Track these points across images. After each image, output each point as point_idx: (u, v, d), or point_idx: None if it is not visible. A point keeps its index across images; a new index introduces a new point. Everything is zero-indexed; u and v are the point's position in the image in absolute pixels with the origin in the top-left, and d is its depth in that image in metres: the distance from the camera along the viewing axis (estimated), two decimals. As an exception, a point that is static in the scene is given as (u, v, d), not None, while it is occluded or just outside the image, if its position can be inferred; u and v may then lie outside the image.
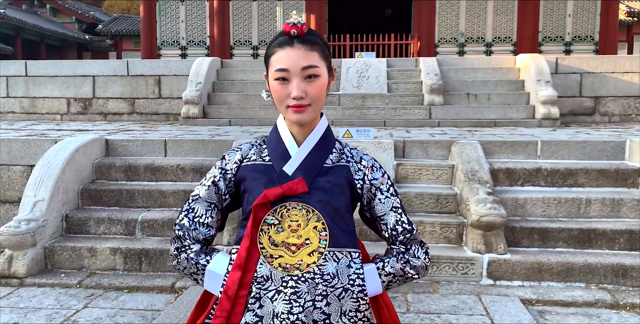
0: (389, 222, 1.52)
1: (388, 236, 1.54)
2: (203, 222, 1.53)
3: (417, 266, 1.50)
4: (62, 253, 4.55)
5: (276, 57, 1.45)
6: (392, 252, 1.53)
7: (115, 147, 5.65)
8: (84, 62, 10.11)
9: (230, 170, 1.54)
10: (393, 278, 1.50)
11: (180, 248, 1.52)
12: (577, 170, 4.89)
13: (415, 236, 1.52)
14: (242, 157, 1.55)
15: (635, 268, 4.12)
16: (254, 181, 1.49)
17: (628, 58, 8.93)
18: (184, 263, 1.51)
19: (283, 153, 1.51)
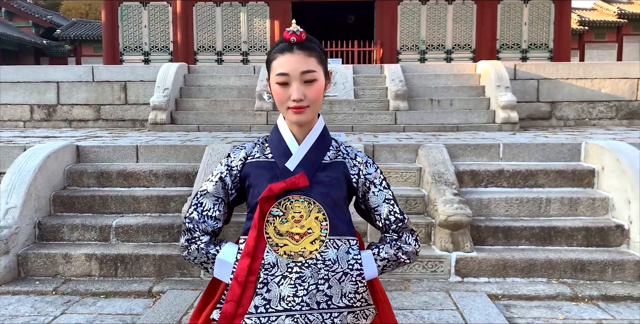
0: (382, 213, 1.67)
1: (382, 226, 1.69)
2: (211, 215, 1.65)
3: (409, 251, 1.66)
4: (36, 260, 4.53)
5: (277, 62, 1.58)
6: (385, 239, 1.68)
7: (87, 153, 5.64)
8: (47, 68, 9.97)
9: (236, 167, 1.66)
10: (387, 263, 1.65)
11: (190, 240, 1.63)
12: (537, 171, 5.16)
13: (407, 225, 1.67)
14: (247, 155, 1.67)
15: (592, 263, 4.39)
16: (258, 177, 1.62)
17: (581, 65, 9.37)
18: (194, 254, 1.62)
19: (284, 151, 1.64)
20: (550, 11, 17.86)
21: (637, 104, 9.17)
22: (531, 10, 17.89)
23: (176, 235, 4.74)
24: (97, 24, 35.85)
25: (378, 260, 1.64)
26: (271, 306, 1.52)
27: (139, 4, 18.33)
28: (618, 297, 4.09)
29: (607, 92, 9.17)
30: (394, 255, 1.65)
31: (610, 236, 4.63)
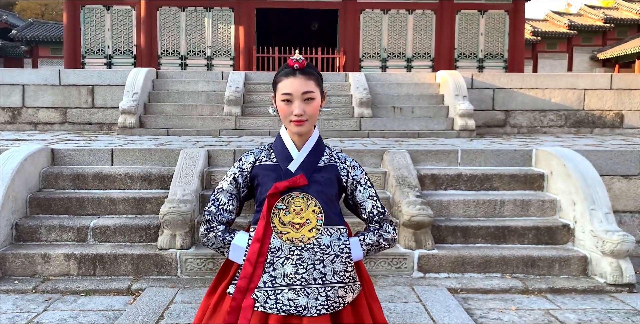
0: (367, 207, 2.00)
1: (366, 218, 2.01)
2: (226, 209, 1.93)
3: (388, 238, 1.99)
4: (14, 260, 4.65)
5: (282, 84, 1.88)
6: (369, 229, 2.02)
7: (62, 156, 5.76)
8: (12, 71, 9.92)
9: (246, 169, 1.95)
10: (371, 247, 1.98)
11: (209, 229, 1.91)
12: (493, 175, 5.57)
13: (387, 216, 1.98)
14: (255, 159, 1.96)
15: (541, 259, 4.80)
16: (265, 177, 1.91)
17: (533, 76, 9.94)
18: (213, 240, 1.90)
19: (287, 156, 1.94)
20: (505, 22, 18.62)
21: (583, 113, 9.79)
22: (487, 21, 18.62)
23: (153, 235, 4.93)
24: (55, 25, 35.22)
25: (363, 245, 1.97)
26: (277, 282, 1.81)
27: (102, 7, 18.22)
28: (564, 290, 4.50)
29: (556, 101, 9.76)
30: (376, 241, 1.99)
31: (557, 235, 5.07)
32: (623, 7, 37.84)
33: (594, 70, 35.96)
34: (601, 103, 9.81)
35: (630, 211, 5.89)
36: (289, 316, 1.79)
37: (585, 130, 9.83)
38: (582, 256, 4.81)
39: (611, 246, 4.53)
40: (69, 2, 18.13)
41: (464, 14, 18.45)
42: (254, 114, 8.76)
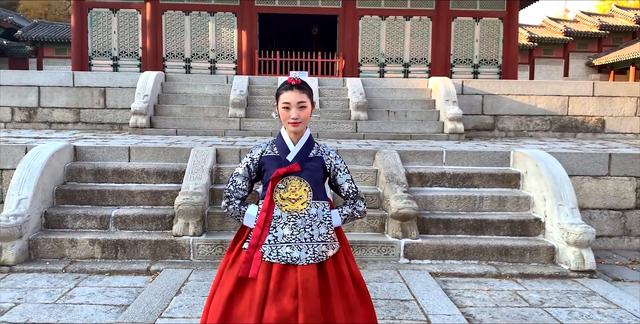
0: (344, 188, 2.62)
1: (344, 195, 2.62)
2: (241, 188, 2.54)
3: (360, 210, 2.62)
4: (45, 244, 5.23)
5: (283, 96, 2.49)
6: (346, 204, 2.64)
7: (83, 153, 6.35)
8: (29, 73, 10.50)
9: (256, 158, 2.55)
10: (347, 217, 2.60)
11: (229, 202, 2.53)
12: (474, 174, 6.17)
13: (359, 195, 2.59)
14: (262, 151, 2.56)
15: (514, 249, 5.38)
16: (269, 165, 2.52)
17: (520, 83, 10.54)
18: (232, 211, 2.50)
19: (286, 149, 2.55)
20: (499, 30, 19.22)
21: (567, 119, 10.38)
22: (482, 28, 19.22)
23: (168, 224, 5.51)
24: (60, 25, 35.77)
25: (341, 215, 2.60)
26: (278, 240, 2.42)
27: (108, 11, 18.79)
28: (532, 275, 5.09)
29: (542, 107, 10.35)
30: (351, 212, 2.63)
31: (530, 228, 5.65)
32: (618, 14, 38.47)
33: (589, 76, 36.59)
34: (584, 109, 10.40)
35: (599, 208, 6.47)
36: (287, 265, 2.38)
37: (569, 135, 10.42)
38: (551, 247, 5.40)
39: (574, 237, 5.12)
40: (77, 5, 18.70)
41: (460, 20, 19.06)
42: (257, 116, 9.35)
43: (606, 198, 6.46)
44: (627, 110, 10.43)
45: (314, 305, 2.23)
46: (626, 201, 6.46)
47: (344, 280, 2.39)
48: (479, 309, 4.21)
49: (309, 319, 2.20)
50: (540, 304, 4.36)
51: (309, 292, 2.25)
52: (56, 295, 4.37)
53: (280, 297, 2.24)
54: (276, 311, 2.20)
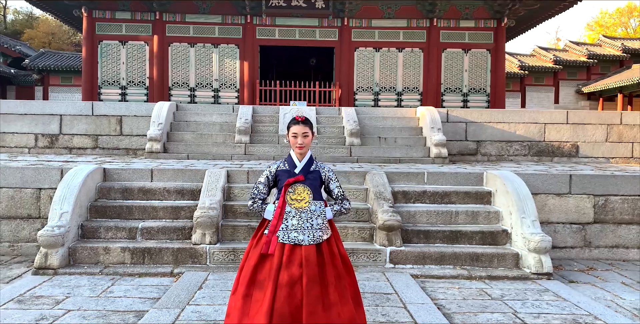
0: (335, 192, 3.56)
1: (334, 197, 3.56)
2: (262, 192, 3.46)
3: (346, 207, 3.55)
4: (83, 251, 6.11)
5: (292, 128, 3.45)
6: (336, 203, 3.57)
7: (112, 174, 7.28)
8: (52, 103, 11.49)
9: (273, 172, 3.49)
10: (336, 212, 3.52)
11: (254, 202, 3.46)
12: (451, 192, 7.10)
13: (346, 197, 3.53)
14: (277, 167, 3.51)
15: (484, 255, 6.28)
16: (282, 176, 3.46)
17: (500, 112, 11.55)
18: (256, 208, 3.43)
19: (294, 165, 3.49)
20: (487, 60, 20.40)
21: (544, 144, 11.37)
22: (471, 58, 20.40)
23: (187, 234, 6.41)
24: (66, 54, 36.97)
25: (332, 210, 3.53)
26: (288, 228, 3.33)
27: (118, 43, 19.95)
28: (498, 277, 5.98)
29: (521, 133, 11.35)
30: (339, 209, 3.56)
31: (498, 238, 6.56)
32: (606, 43, 39.90)
33: (579, 103, 37.82)
34: (559, 135, 11.40)
35: (562, 223, 7.39)
36: (295, 245, 3.29)
37: (546, 159, 11.39)
38: (515, 253, 6.29)
39: (534, 245, 6.03)
40: (88, 37, 19.86)
41: (450, 52, 20.26)
42: (260, 142, 10.32)
43: (568, 213, 7.38)
44: (599, 137, 11.43)
45: (313, 272, 3.14)
46: (586, 216, 7.38)
47: (334, 256, 3.30)
48: (448, 301, 5.10)
49: (310, 281, 3.10)
50: (500, 297, 5.25)
51: (310, 263, 3.16)
52: (98, 291, 5.24)
53: (290, 266, 3.14)
54: (287, 276, 3.11)
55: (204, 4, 19.54)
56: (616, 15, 54.23)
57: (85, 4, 19.37)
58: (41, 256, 5.87)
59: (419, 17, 19.93)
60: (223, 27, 19.80)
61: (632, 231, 7.39)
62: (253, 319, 3.07)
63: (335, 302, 3.14)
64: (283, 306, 3.04)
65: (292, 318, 3.04)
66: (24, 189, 7.13)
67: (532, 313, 4.78)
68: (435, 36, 19.98)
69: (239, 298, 3.18)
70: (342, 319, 3.12)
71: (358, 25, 19.85)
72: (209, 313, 4.55)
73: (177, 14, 19.70)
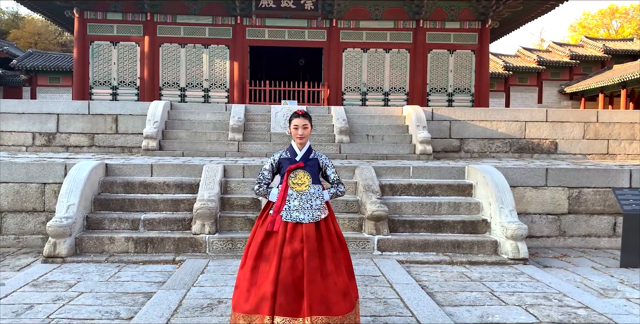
0: (331, 177, 3.96)
1: (331, 182, 3.97)
2: (267, 177, 3.86)
3: (341, 190, 3.94)
4: (89, 241, 6.48)
5: (293, 121, 3.86)
6: (332, 187, 3.96)
7: (113, 169, 7.65)
8: (49, 102, 11.78)
9: (276, 159, 3.89)
10: (332, 195, 3.92)
11: (260, 186, 3.85)
12: (434, 185, 7.56)
13: (340, 181, 3.94)
14: (280, 155, 3.90)
15: (465, 243, 6.74)
16: (285, 163, 3.86)
17: (483, 110, 12.04)
18: (262, 191, 3.82)
19: (295, 153, 3.89)
20: (472, 61, 20.94)
21: (525, 141, 11.87)
22: (456, 59, 20.94)
23: (187, 225, 6.80)
24: (54, 55, 37.01)
25: (328, 193, 3.92)
26: (290, 208, 3.73)
27: (109, 43, 20.23)
28: (478, 262, 6.44)
29: (502, 131, 11.85)
30: (335, 192, 3.95)
31: (478, 227, 7.03)
32: (588, 44, 40.74)
33: (562, 103, 38.57)
34: (539, 133, 11.92)
35: (539, 214, 7.88)
36: (296, 223, 3.68)
37: (527, 155, 11.90)
38: (494, 241, 6.76)
39: (511, 232, 6.50)
40: (80, 38, 20.11)
41: (435, 53, 20.79)
42: (253, 140, 10.72)
43: (544, 204, 7.87)
44: (576, 134, 11.96)
45: (312, 246, 3.56)
46: (561, 207, 7.87)
47: (330, 233, 3.72)
48: (431, 282, 5.55)
49: (310, 254, 3.52)
50: (479, 279, 5.71)
51: (310, 238, 3.58)
52: (106, 276, 5.63)
53: (292, 241, 3.56)
54: (290, 250, 3.53)
55: (195, 5, 19.88)
56: (598, 17, 55.26)
57: (77, 5, 19.61)
58: (50, 246, 6.24)
59: (405, 19, 20.42)
60: (213, 27, 20.14)
61: (603, 221, 7.90)
62: (260, 287, 3.48)
63: (332, 272, 3.57)
64: (287, 276, 3.46)
65: (295, 285, 3.46)
66: (29, 184, 7.47)
67: (507, 292, 5.25)
68: (422, 37, 20.48)
69: (247, 270, 3.59)
70: (338, 287, 3.54)
71: (346, 26, 20.30)
72: (213, 293, 4.96)
73: (168, 15, 20.00)
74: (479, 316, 4.53)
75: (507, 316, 4.53)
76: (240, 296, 3.55)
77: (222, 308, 4.54)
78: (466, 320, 4.41)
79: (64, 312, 4.48)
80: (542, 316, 4.53)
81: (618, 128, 11.97)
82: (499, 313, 4.61)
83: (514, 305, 4.83)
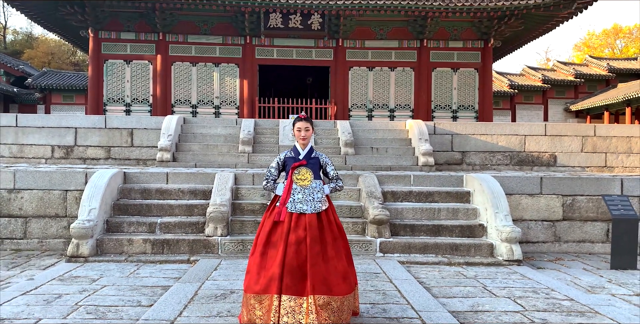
0: (331, 174, 4.42)
1: (330, 178, 4.42)
2: (273, 174, 4.33)
3: (340, 185, 4.40)
4: (109, 243, 6.93)
5: (297, 124, 4.33)
6: (332, 182, 4.41)
7: (131, 177, 8.13)
8: (68, 117, 12.34)
9: (282, 159, 4.35)
10: (332, 189, 4.37)
11: (267, 182, 4.31)
12: (434, 192, 7.98)
13: (339, 177, 4.40)
14: (285, 155, 4.36)
15: (463, 245, 7.12)
16: (289, 161, 4.32)
17: (483, 125, 12.48)
18: (269, 186, 4.29)
19: (298, 153, 4.35)
20: (475, 78, 21.46)
21: (525, 154, 12.28)
22: (459, 77, 21.46)
23: (200, 228, 7.25)
24: (68, 74, 37.95)
25: (328, 187, 4.36)
26: (295, 201, 4.16)
27: (123, 62, 20.93)
28: (474, 263, 6.82)
29: (503, 144, 12.27)
30: (334, 187, 4.40)
31: (475, 231, 7.42)
32: (592, 63, 41.23)
33: (567, 121, 38.89)
34: (538, 146, 12.32)
35: (534, 220, 8.25)
36: (300, 214, 4.10)
37: (527, 168, 12.29)
38: (490, 244, 7.15)
39: (506, 235, 6.89)
40: (95, 57, 20.83)
41: (439, 71, 21.34)
42: (262, 151, 11.20)
43: (540, 211, 8.25)
44: (575, 147, 12.36)
45: (315, 233, 3.99)
46: (555, 214, 8.25)
47: (330, 223, 4.15)
48: (429, 279, 5.94)
49: (312, 241, 3.95)
50: (474, 277, 6.09)
51: (312, 227, 4.01)
52: (126, 273, 6.06)
53: (297, 230, 4.00)
54: (295, 237, 3.96)
55: (206, 25, 20.61)
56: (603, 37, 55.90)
57: (92, 25, 20.37)
58: (73, 246, 6.69)
59: (409, 38, 21.02)
60: (224, 47, 20.83)
61: (597, 227, 8.26)
62: (269, 270, 3.91)
63: (332, 257, 3.99)
64: (292, 260, 3.89)
65: (299, 268, 3.88)
66: (52, 191, 7.96)
67: (499, 287, 5.63)
68: (426, 56, 21.06)
69: (257, 256, 4.02)
70: (338, 271, 3.96)
71: (352, 45, 20.92)
72: (226, 285, 5.38)
73: (180, 35, 20.71)
74: (470, 305, 4.91)
75: (496, 306, 4.91)
76: (251, 279, 3.97)
77: (234, 297, 4.96)
78: (457, 309, 4.80)
79: (90, 300, 4.91)
80: (529, 306, 4.91)
81: (615, 142, 12.35)
82: (489, 303, 4.99)
83: (503, 297, 5.21)
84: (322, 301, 3.82)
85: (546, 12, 19.60)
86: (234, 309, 4.56)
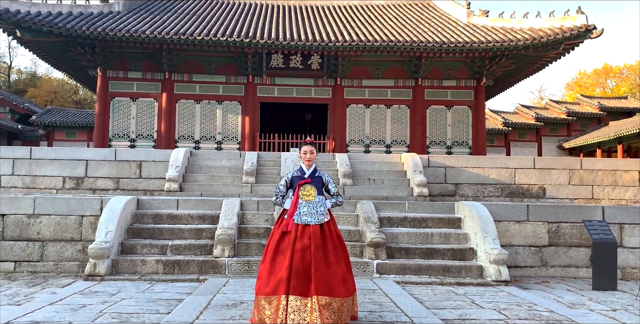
0: (332, 191, 5.01)
1: (331, 194, 4.99)
2: (282, 190, 4.92)
3: (340, 201, 5.00)
4: (123, 263, 7.42)
5: (303, 148, 4.96)
6: (332, 197, 4.99)
7: (144, 203, 8.68)
8: (80, 150, 12.96)
9: (289, 178, 4.95)
10: (333, 204, 4.96)
11: (277, 198, 4.89)
12: (427, 218, 8.52)
13: (340, 194, 4.99)
14: (292, 174, 4.95)
15: (454, 267, 7.62)
16: (296, 179, 4.93)
17: (474, 158, 13.12)
18: (279, 201, 4.87)
19: (304, 172, 4.95)
20: (468, 116, 22.24)
21: (515, 187, 12.87)
22: (453, 114, 22.26)
23: (209, 250, 7.75)
24: (71, 111, 38.81)
25: (330, 202, 4.94)
26: (301, 214, 4.73)
27: (129, 99, 21.73)
28: (465, 283, 7.30)
29: (494, 177, 12.87)
30: (334, 202, 4.99)
31: (466, 254, 7.93)
32: (584, 102, 42.32)
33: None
34: (528, 179, 12.92)
35: (522, 245, 8.76)
36: (305, 225, 4.65)
37: (517, 200, 12.84)
38: (480, 266, 7.65)
39: (494, 257, 7.40)
40: (102, 94, 21.62)
41: (434, 108, 22.16)
42: (264, 182, 11.77)
43: (527, 237, 8.77)
44: (562, 180, 12.96)
45: (318, 242, 4.54)
46: (542, 240, 8.77)
47: (332, 233, 4.71)
48: (422, 295, 6.43)
49: (316, 248, 4.49)
50: (463, 294, 6.58)
51: (316, 236, 4.56)
52: (142, 289, 6.54)
53: (302, 238, 4.55)
54: (301, 245, 4.51)
55: (210, 65, 21.53)
56: (594, 76, 57.41)
57: (101, 65, 21.26)
58: (90, 266, 7.18)
59: (405, 77, 21.94)
60: (227, 85, 21.68)
61: (581, 253, 8.77)
62: (278, 274, 4.44)
63: (333, 263, 4.53)
64: (298, 265, 4.43)
65: (305, 272, 4.42)
66: (69, 216, 8.48)
67: (486, 301, 6.12)
68: (420, 94, 21.92)
69: (267, 263, 4.56)
70: (338, 275, 4.50)
71: (350, 84, 21.81)
72: (235, 297, 5.87)
73: (185, 74, 21.59)
74: (459, 314, 5.40)
75: (482, 315, 5.41)
76: (262, 283, 4.50)
77: (244, 306, 5.45)
78: (447, 317, 5.29)
79: (113, 309, 5.39)
80: (512, 316, 5.41)
81: (601, 175, 12.97)
82: (475, 313, 5.48)
83: (489, 309, 5.71)
84: (324, 302, 4.34)
85: (535, 53, 20.58)
86: (246, 314, 5.06)
